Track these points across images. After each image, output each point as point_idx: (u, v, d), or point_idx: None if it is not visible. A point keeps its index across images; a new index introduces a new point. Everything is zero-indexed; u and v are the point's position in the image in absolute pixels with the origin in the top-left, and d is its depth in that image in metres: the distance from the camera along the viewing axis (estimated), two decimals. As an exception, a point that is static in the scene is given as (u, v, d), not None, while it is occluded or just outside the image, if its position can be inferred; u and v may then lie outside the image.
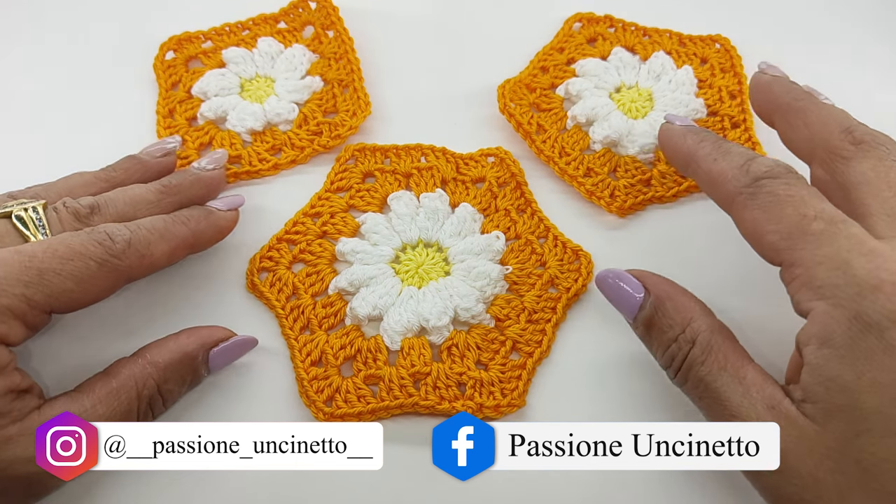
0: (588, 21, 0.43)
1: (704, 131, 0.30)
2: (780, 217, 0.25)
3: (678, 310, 0.27)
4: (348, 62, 0.41)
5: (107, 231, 0.28)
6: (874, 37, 0.43)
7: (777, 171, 0.26)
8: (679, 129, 0.31)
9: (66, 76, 0.42)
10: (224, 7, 0.44)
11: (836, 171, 0.27)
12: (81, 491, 0.28)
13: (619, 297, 0.29)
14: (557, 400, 0.31)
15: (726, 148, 0.28)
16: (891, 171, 0.26)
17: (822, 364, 0.23)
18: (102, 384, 0.27)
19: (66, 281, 0.26)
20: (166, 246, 0.30)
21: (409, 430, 0.30)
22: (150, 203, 0.32)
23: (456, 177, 0.36)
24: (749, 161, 0.27)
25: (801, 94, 0.30)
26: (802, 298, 0.24)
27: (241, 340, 0.31)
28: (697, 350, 0.26)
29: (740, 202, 0.26)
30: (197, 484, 0.29)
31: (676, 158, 0.31)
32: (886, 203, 0.25)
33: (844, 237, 0.23)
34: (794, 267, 0.24)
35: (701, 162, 0.29)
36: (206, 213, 0.32)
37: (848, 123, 0.28)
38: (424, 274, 0.33)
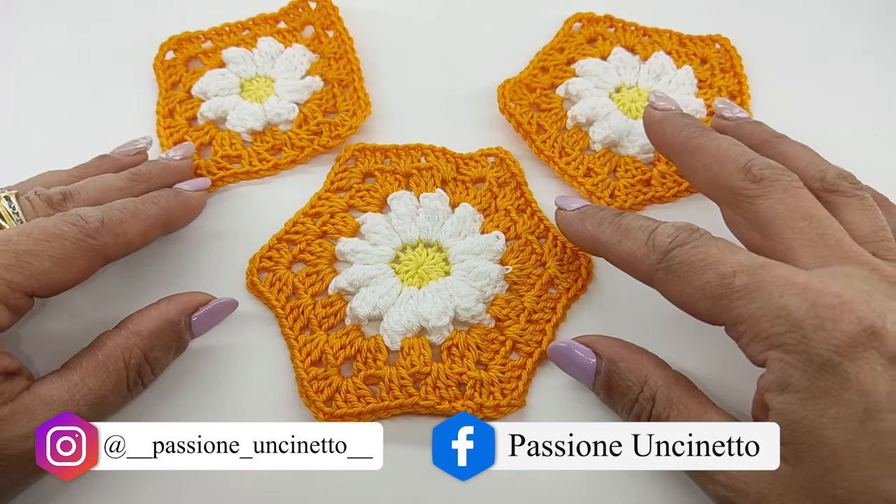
0: (588, 21, 0.43)
1: (599, 211, 0.30)
2: (702, 284, 0.25)
3: (632, 369, 0.28)
4: (348, 62, 0.41)
5: (79, 213, 0.28)
6: (873, 36, 0.43)
7: (681, 237, 0.26)
8: (574, 216, 0.31)
9: (66, 76, 0.42)
10: (224, 7, 0.44)
11: (745, 210, 0.27)
12: (81, 491, 0.28)
13: (574, 367, 0.30)
14: (557, 400, 0.31)
15: (626, 226, 0.28)
16: (799, 201, 0.26)
17: (786, 409, 0.23)
18: (89, 358, 0.27)
19: (44, 261, 0.26)
20: (139, 225, 0.30)
21: (409, 430, 0.30)
22: (120, 189, 0.32)
23: (456, 177, 0.36)
24: (651, 235, 0.27)
25: (694, 132, 0.30)
26: (754, 351, 0.24)
27: (221, 303, 0.31)
28: (659, 406, 0.26)
29: (659, 279, 0.26)
30: (197, 484, 0.29)
31: (582, 245, 0.31)
32: (804, 234, 0.25)
33: (770, 283, 0.24)
34: (737, 325, 0.24)
35: (608, 247, 0.29)
36: (174, 193, 0.33)
37: (745, 160, 0.28)
38: (424, 274, 0.33)
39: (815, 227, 0.25)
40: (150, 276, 0.34)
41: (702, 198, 0.36)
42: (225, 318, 0.32)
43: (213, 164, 0.37)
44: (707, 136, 0.30)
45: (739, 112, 0.34)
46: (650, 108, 0.32)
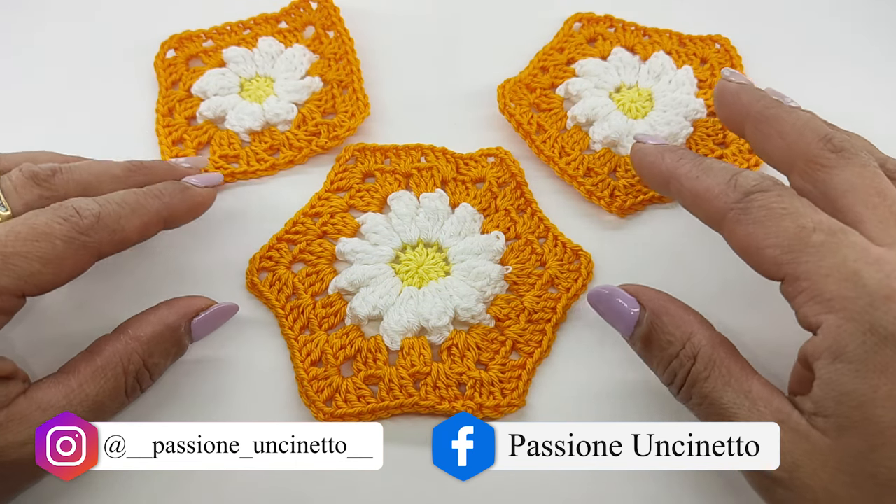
0: (588, 21, 0.43)
1: (680, 149, 0.30)
2: (777, 231, 0.24)
3: (677, 324, 0.27)
4: (348, 63, 0.41)
5: (74, 205, 0.27)
6: (873, 37, 0.43)
7: (766, 184, 0.25)
8: (654, 148, 0.30)
9: (66, 74, 0.42)
10: (225, 6, 0.44)
11: (818, 180, 0.26)
12: (81, 491, 0.28)
13: (614, 314, 0.29)
14: (557, 400, 0.31)
15: (708, 164, 0.28)
16: (875, 178, 0.25)
17: (836, 379, 0.22)
18: (87, 363, 0.27)
19: (33, 263, 0.25)
20: (138, 221, 0.29)
21: (409, 430, 0.30)
22: (115, 177, 0.31)
23: (456, 177, 0.36)
24: (735, 175, 0.26)
25: (772, 102, 0.29)
26: (810, 312, 0.23)
27: (221, 308, 0.31)
28: (700, 365, 0.25)
29: (732, 218, 0.25)
30: (197, 484, 0.29)
31: (654, 179, 0.30)
32: (877, 210, 0.25)
33: (847, 247, 0.23)
34: (799, 280, 0.23)
35: (683, 181, 0.28)
36: (180, 188, 0.31)
37: (824, 131, 0.27)
38: (424, 274, 0.33)
39: (890, 205, 0.25)
40: (149, 275, 0.34)
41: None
42: (224, 322, 0.31)
43: (212, 164, 0.37)
44: (784, 106, 0.29)
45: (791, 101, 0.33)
46: (724, 81, 0.31)
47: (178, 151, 0.38)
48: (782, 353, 0.26)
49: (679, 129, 0.37)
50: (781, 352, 0.27)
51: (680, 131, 0.37)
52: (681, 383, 0.26)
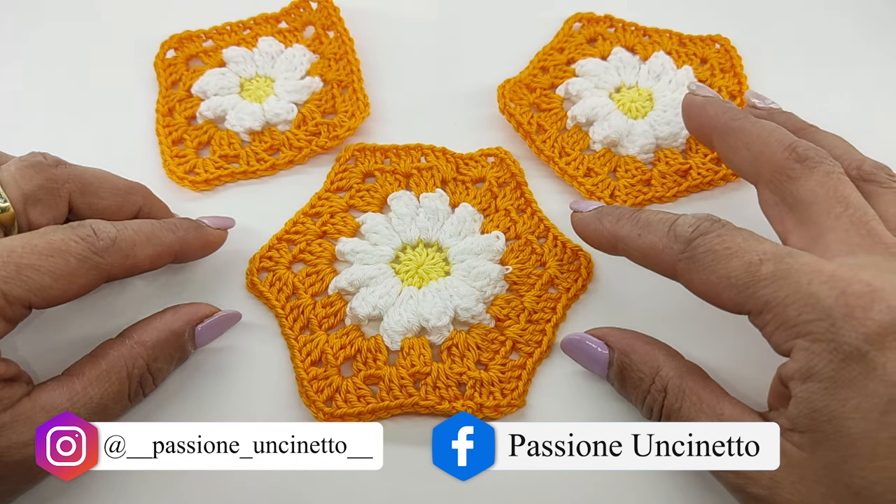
0: (588, 21, 0.43)
1: (616, 209, 0.30)
2: (727, 272, 0.24)
3: (644, 361, 0.28)
4: (348, 63, 0.41)
5: (92, 226, 0.28)
6: (873, 37, 0.43)
7: (704, 226, 0.26)
8: (591, 215, 0.31)
9: (66, 74, 0.42)
10: (225, 6, 0.44)
11: (784, 191, 0.27)
12: (81, 491, 0.28)
13: (587, 359, 0.30)
14: (557, 400, 0.31)
15: (645, 220, 0.28)
16: (839, 186, 0.26)
17: (808, 397, 0.23)
18: (91, 366, 0.27)
19: (45, 277, 0.26)
20: (151, 250, 0.29)
21: (409, 430, 0.30)
22: (116, 188, 0.31)
23: (456, 177, 0.36)
24: (672, 226, 0.27)
25: (737, 114, 0.30)
26: (780, 340, 0.24)
27: (225, 315, 0.31)
28: (671, 397, 0.26)
29: (682, 269, 0.26)
30: (197, 484, 0.29)
31: (600, 244, 0.30)
32: (840, 219, 0.25)
33: (797, 271, 0.23)
34: (763, 313, 0.24)
35: (628, 242, 0.28)
36: (195, 226, 0.32)
37: (788, 140, 0.28)
38: (424, 274, 0.33)
39: (851, 214, 0.25)
40: (150, 276, 0.34)
41: (701, 198, 0.37)
42: (227, 329, 0.32)
43: (211, 164, 0.37)
44: (750, 118, 0.30)
45: (771, 103, 0.34)
46: (691, 95, 0.32)
47: (177, 151, 0.38)
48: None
49: (679, 129, 0.37)
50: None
51: (680, 131, 0.37)
52: (658, 416, 0.27)
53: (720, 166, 0.37)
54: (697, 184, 0.36)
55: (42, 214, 0.29)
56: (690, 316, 0.30)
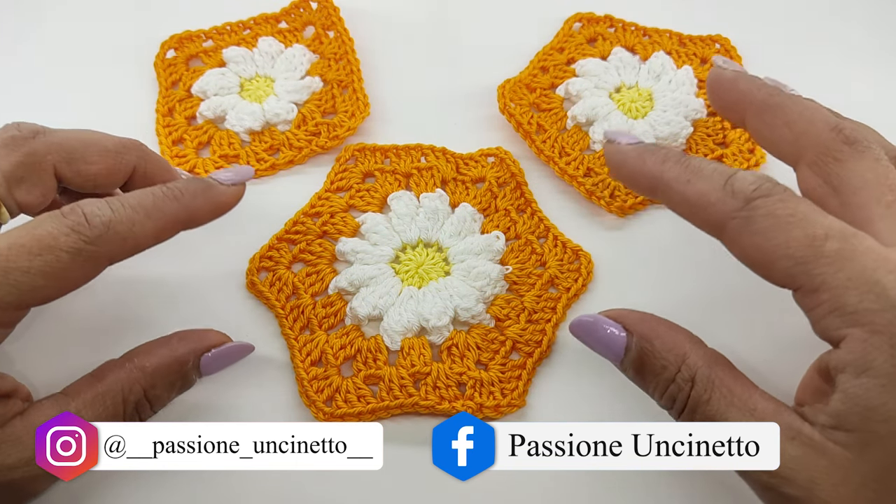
0: (588, 21, 0.43)
1: (661, 148, 0.27)
2: (787, 241, 0.22)
3: (668, 347, 0.25)
4: (348, 63, 0.41)
5: (83, 211, 0.25)
6: (873, 37, 0.43)
7: (766, 187, 0.23)
8: (632, 150, 0.27)
9: (66, 74, 0.42)
10: (225, 6, 0.44)
11: (830, 174, 0.25)
12: (81, 491, 0.28)
13: (601, 344, 0.27)
14: (557, 400, 0.31)
15: (696, 166, 0.25)
16: (888, 173, 0.24)
17: (861, 394, 0.21)
18: (88, 387, 0.26)
19: (36, 278, 0.24)
20: (152, 226, 0.26)
21: (409, 430, 0.30)
22: (105, 150, 0.29)
23: (456, 177, 0.36)
24: (731, 178, 0.24)
25: (774, 90, 0.27)
26: (831, 325, 0.22)
27: (234, 347, 0.29)
28: (699, 388, 0.24)
29: (734, 228, 0.24)
30: (197, 484, 0.29)
31: (637, 185, 0.27)
32: (891, 208, 0.23)
33: (864, 254, 0.22)
34: (817, 292, 0.22)
35: (673, 186, 0.25)
36: (203, 187, 0.28)
37: (834, 121, 0.26)
38: (424, 274, 0.33)
39: None
40: (150, 277, 0.34)
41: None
42: (237, 361, 0.30)
43: (211, 164, 0.37)
44: (789, 94, 0.27)
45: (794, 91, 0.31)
46: (718, 69, 0.29)
47: (177, 151, 0.38)
48: (788, 353, 0.26)
49: (679, 129, 0.37)
50: (787, 352, 0.26)
51: (680, 131, 0.37)
52: (681, 408, 0.25)
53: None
54: (697, 184, 0.36)
55: (28, 192, 0.27)
56: (692, 316, 0.30)
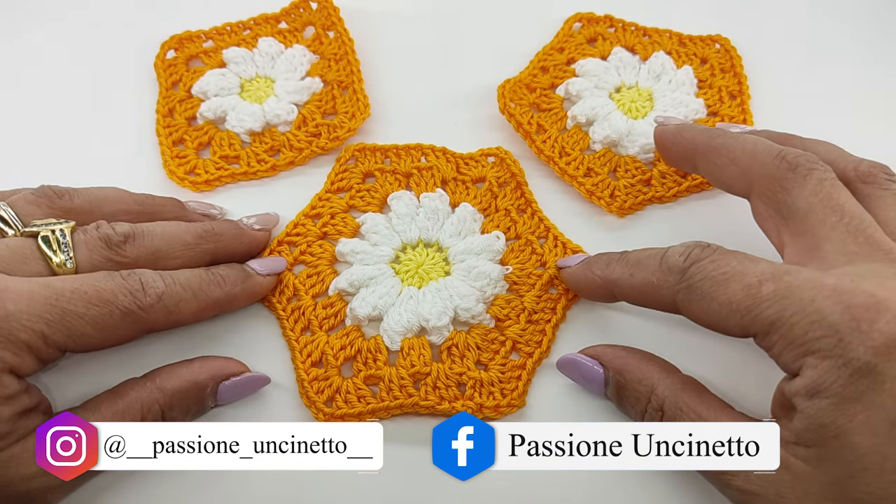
0: (588, 21, 0.43)
1: (603, 256, 0.30)
2: (727, 298, 0.24)
3: (638, 379, 0.27)
4: (348, 63, 0.41)
5: (142, 280, 0.27)
6: (873, 37, 0.43)
7: (695, 253, 0.26)
8: (580, 267, 0.31)
9: (66, 73, 0.42)
10: (225, 6, 0.44)
11: (778, 202, 0.27)
12: (81, 491, 0.28)
13: (584, 379, 0.30)
14: (557, 400, 0.31)
15: (635, 259, 0.28)
16: (832, 193, 0.26)
17: (814, 413, 0.22)
18: (108, 404, 0.27)
19: (87, 326, 0.26)
20: (196, 306, 0.29)
21: (409, 430, 0.30)
22: (186, 245, 0.31)
23: (456, 177, 0.36)
24: (663, 258, 0.26)
25: (716, 133, 0.30)
26: (788, 360, 0.23)
27: (253, 378, 0.30)
28: (668, 416, 0.26)
29: (681, 300, 0.26)
30: (197, 484, 0.29)
31: (596, 295, 0.30)
32: (835, 229, 0.25)
33: (799, 288, 0.23)
34: (769, 334, 0.23)
35: (622, 285, 0.28)
36: (243, 277, 0.31)
37: (776, 149, 0.27)
38: (424, 274, 0.33)
39: (847, 223, 0.25)
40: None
41: (701, 198, 0.37)
42: (253, 392, 0.31)
43: (212, 165, 0.37)
44: (730, 133, 0.29)
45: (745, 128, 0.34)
46: (661, 126, 0.32)
47: (178, 152, 0.38)
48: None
49: (679, 129, 0.37)
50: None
51: (680, 131, 0.37)
52: None
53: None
54: (697, 184, 0.36)
55: None
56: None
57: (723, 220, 0.35)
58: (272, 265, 0.33)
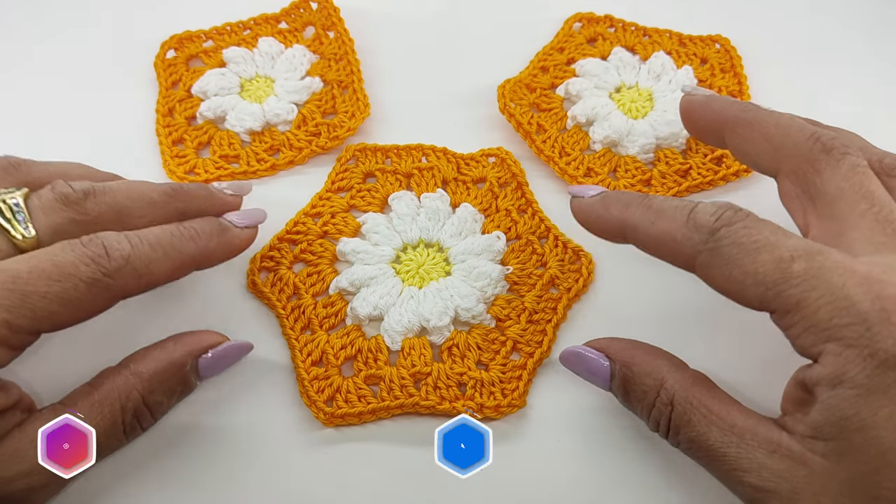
0: (588, 21, 0.43)
1: (624, 194, 0.28)
2: (755, 268, 0.23)
3: (647, 373, 0.26)
4: (348, 63, 0.41)
5: (104, 243, 0.25)
6: (874, 37, 0.44)
7: (727, 216, 0.24)
8: (595, 201, 0.28)
9: (66, 73, 0.42)
10: (225, 6, 0.44)
11: (808, 183, 0.26)
12: (81, 491, 0.28)
13: (588, 372, 0.28)
14: (558, 400, 0.31)
15: (658, 206, 0.26)
16: (864, 180, 0.25)
17: (837, 404, 0.21)
18: (85, 396, 0.26)
19: (52, 303, 0.24)
20: (168, 264, 0.27)
21: (409, 430, 0.30)
22: (152, 202, 0.29)
23: (457, 177, 0.36)
24: (692, 213, 0.25)
25: (747, 106, 0.28)
26: (808, 343, 0.22)
27: (233, 346, 0.29)
28: (679, 410, 0.25)
29: (703, 262, 0.24)
30: (197, 484, 0.29)
31: (607, 234, 0.28)
32: (864, 217, 0.24)
33: (831, 270, 0.22)
34: (791, 313, 0.22)
35: (639, 229, 0.26)
36: (219, 230, 0.29)
37: (811, 129, 0.26)
38: (425, 274, 0.33)
39: (877, 212, 0.24)
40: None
41: (701, 198, 0.37)
42: (237, 361, 0.30)
43: (212, 164, 0.37)
44: (762, 108, 0.28)
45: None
46: (689, 95, 0.30)
47: (178, 151, 0.38)
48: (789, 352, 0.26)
49: (679, 130, 0.37)
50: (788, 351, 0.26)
51: (680, 131, 0.37)
52: (665, 430, 0.26)
53: (720, 166, 0.37)
54: (697, 184, 0.36)
55: None
56: (693, 315, 0.30)
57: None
58: (252, 216, 0.31)
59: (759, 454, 0.23)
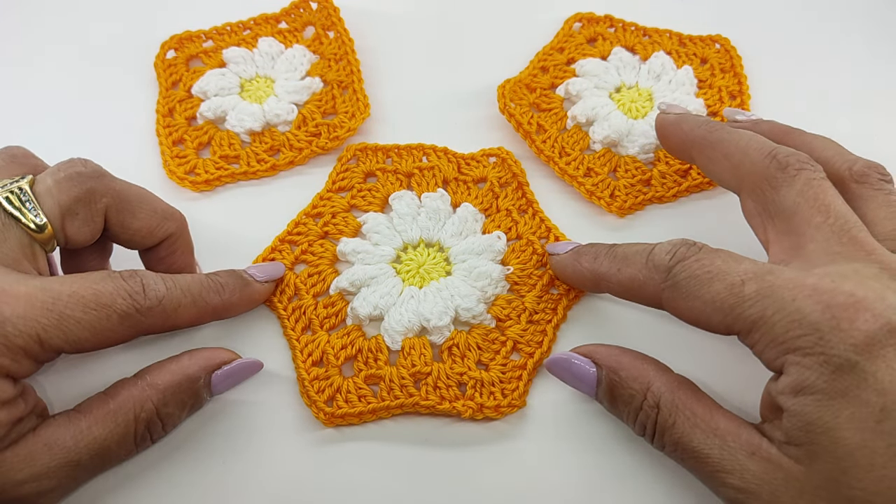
0: (588, 21, 0.43)
1: (592, 247, 0.30)
2: (711, 297, 0.24)
3: (634, 377, 0.27)
4: (348, 63, 0.41)
5: (143, 281, 0.27)
6: (873, 37, 0.44)
7: (681, 252, 0.26)
8: (569, 256, 0.31)
9: (66, 73, 0.42)
10: (225, 6, 0.44)
11: (766, 200, 0.27)
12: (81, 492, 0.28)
13: (574, 378, 0.29)
14: (558, 400, 0.31)
15: (622, 254, 0.28)
16: (819, 193, 0.26)
17: (801, 411, 0.23)
18: (100, 405, 0.27)
19: (84, 330, 0.25)
20: (195, 312, 0.29)
21: (409, 430, 0.30)
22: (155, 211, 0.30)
23: (457, 177, 0.37)
24: (649, 256, 0.27)
25: (713, 126, 0.30)
26: (770, 357, 0.24)
27: (245, 363, 0.30)
28: (664, 412, 0.26)
29: (667, 298, 0.26)
30: (197, 483, 0.29)
31: (584, 284, 0.31)
32: (820, 230, 0.25)
33: (780, 287, 0.23)
34: (752, 332, 0.24)
35: (609, 278, 0.29)
36: (242, 285, 0.31)
37: (768, 148, 0.28)
38: (425, 274, 0.33)
39: (832, 223, 0.25)
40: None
41: (701, 198, 0.37)
42: (247, 378, 0.31)
43: (212, 164, 0.37)
44: (727, 128, 0.30)
45: (751, 115, 0.34)
46: (662, 114, 0.32)
47: (178, 151, 0.38)
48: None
49: (679, 129, 0.37)
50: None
51: (680, 131, 0.37)
52: (651, 433, 0.27)
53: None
54: (697, 183, 0.36)
55: (79, 229, 0.28)
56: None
57: (722, 219, 0.35)
58: (271, 271, 0.32)
59: (740, 456, 0.24)
